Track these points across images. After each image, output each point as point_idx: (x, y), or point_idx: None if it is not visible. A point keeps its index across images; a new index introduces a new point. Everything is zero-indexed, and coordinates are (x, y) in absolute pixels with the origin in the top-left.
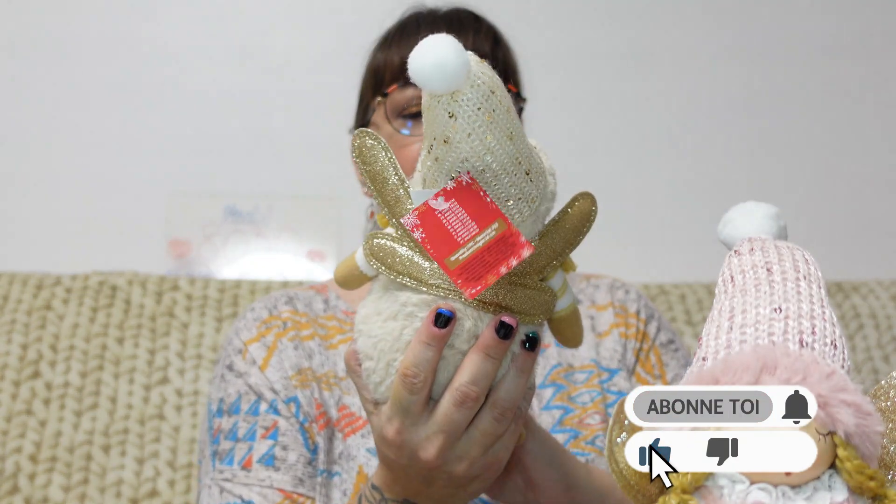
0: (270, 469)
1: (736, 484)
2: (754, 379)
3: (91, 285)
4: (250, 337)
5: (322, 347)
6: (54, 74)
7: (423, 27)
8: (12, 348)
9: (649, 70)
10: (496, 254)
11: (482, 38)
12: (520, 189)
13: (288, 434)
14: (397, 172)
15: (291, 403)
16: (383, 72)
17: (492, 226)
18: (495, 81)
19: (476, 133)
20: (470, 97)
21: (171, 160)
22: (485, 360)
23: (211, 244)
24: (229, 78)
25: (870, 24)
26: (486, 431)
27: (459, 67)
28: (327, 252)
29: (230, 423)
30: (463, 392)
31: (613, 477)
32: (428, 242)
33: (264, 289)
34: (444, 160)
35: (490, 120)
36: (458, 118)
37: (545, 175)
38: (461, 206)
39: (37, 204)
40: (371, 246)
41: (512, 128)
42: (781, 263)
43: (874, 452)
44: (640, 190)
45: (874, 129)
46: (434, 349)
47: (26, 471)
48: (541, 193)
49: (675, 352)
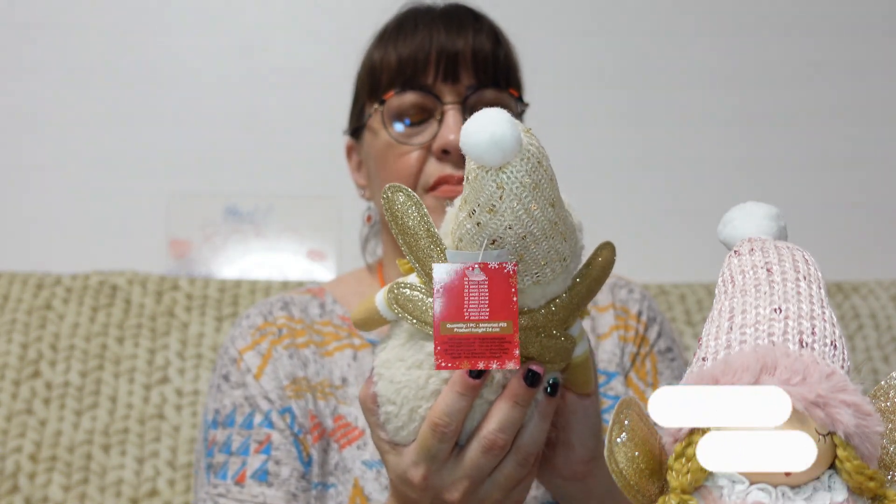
0: (263, 485)
1: (735, 484)
2: (754, 379)
3: (91, 285)
4: (245, 345)
5: (317, 355)
6: (54, 75)
7: (420, 25)
8: (12, 348)
9: (650, 70)
10: (485, 349)
11: (483, 38)
12: (556, 251)
13: (281, 448)
14: (429, 231)
15: (286, 414)
16: (380, 73)
17: (500, 322)
18: (542, 152)
19: (522, 203)
20: (519, 169)
21: (172, 160)
22: (513, 408)
23: (211, 244)
24: (230, 78)
25: (872, 26)
26: (509, 476)
27: (514, 143)
28: (327, 252)
29: (224, 436)
30: (490, 440)
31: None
32: (439, 298)
33: (264, 289)
34: (486, 226)
35: (536, 190)
36: (506, 189)
37: (576, 234)
38: (489, 288)
39: (37, 204)
40: (397, 295)
41: (554, 195)
42: (781, 264)
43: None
44: (640, 190)
45: (874, 130)
46: (467, 399)
47: (26, 470)
48: (572, 252)
49: (672, 361)
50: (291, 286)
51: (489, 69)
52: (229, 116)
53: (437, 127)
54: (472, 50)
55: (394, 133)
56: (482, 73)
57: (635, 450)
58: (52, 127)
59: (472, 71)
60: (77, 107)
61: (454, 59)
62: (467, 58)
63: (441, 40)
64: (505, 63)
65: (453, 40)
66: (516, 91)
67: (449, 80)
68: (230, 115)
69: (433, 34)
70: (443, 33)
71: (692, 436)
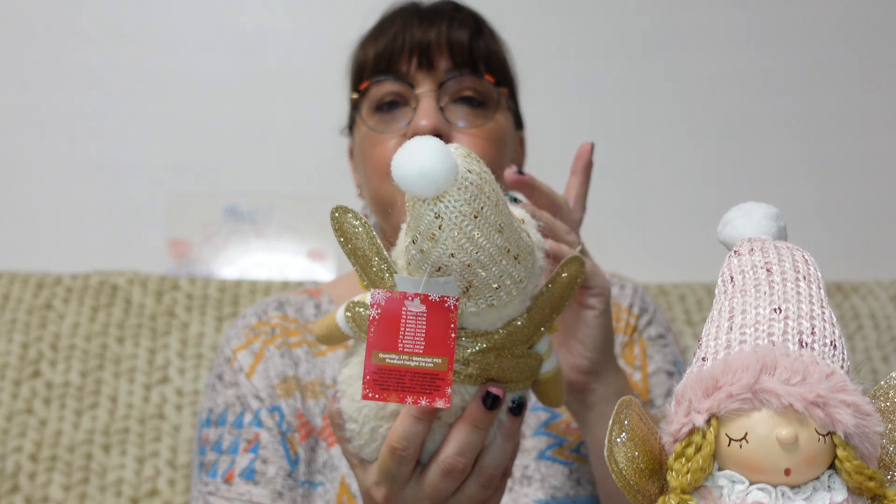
0: (250, 483)
1: (735, 484)
2: (754, 379)
3: (91, 285)
4: (239, 344)
5: (310, 354)
6: (55, 75)
7: (398, 20)
8: (13, 347)
9: (651, 70)
10: (416, 384)
11: (456, 28)
12: (508, 274)
13: (269, 447)
14: (380, 254)
15: (275, 413)
16: (361, 69)
17: (434, 358)
18: (484, 178)
19: (463, 231)
20: (457, 199)
21: (172, 159)
22: (472, 431)
23: (211, 244)
24: (230, 77)
25: (871, 27)
26: (472, 497)
27: (446, 174)
28: (327, 252)
29: (216, 435)
30: (449, 463)
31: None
32: (374, 325)
33: (264, 288)
34: (429, 254)
35: (478, 219)
36: (445, 219)
37: (533, 253)
38: (427, 322)
39: (37, 203)
40: (354, 315)
41: (501, 221)
42: (781, 264)
43: (873, 453)
44: (641, 190)
45: (874, 130)
46: (424, 423)
47: (26, 470)
48: (528, 273)
49: (664, 347)
50: (291, 286)
51: (465, 57)
52: (229, 117)
53: (412, 115)
54: (448, 39)
55: (370, 123)
56: (458, 60)
57: (635, 450)
58: (53, 127)
59: (448, 59)
60: (77, 107)
61: (428, 48)
62: (442, 46)
63: (415, 31)
64: (485, 51)
65: (427, 31)
66: (494, 78)
67: (423, 68)
68: (230, 115)
69: (408, 27)
70: (418, 25)
71: (692, 436)
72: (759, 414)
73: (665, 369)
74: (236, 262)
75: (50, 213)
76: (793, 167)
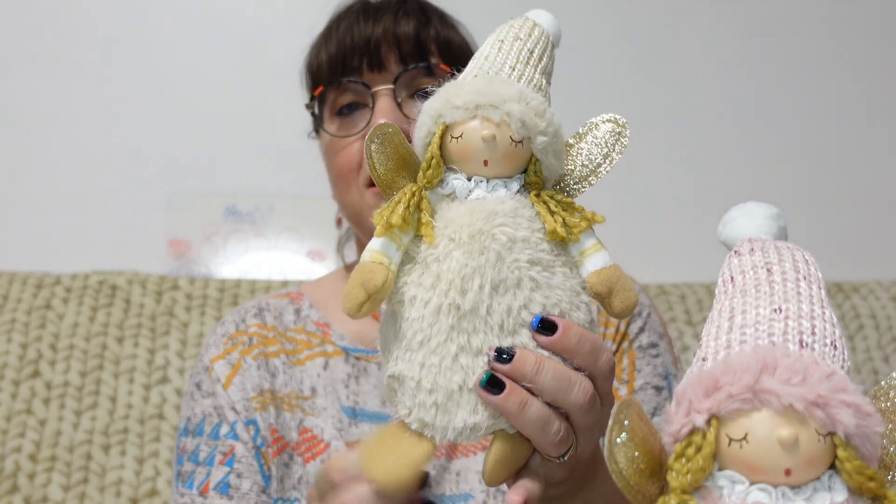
0: (224, 497)
1: (735, 484)
2: (754, 379)
3: (91, 285)
4: (216, 354)
5: (287, 365)
6: (54, 74)
7: (343, 21)
8: (12, 347)
9: (651, 71)
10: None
11: (402, 21)
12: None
13: (244, 461)
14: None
15: (251, 426)
16: (315, 74)
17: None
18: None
19: None
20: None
21: (172, 160)
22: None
23: (211, 244)
24: (229, 78)
25: (871, 27)
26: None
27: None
28: (327, 252)
29: (193, 445)
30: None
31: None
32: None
33: (264, 288)
34: None
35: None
36: None
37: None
38: None
39: (37, 204)
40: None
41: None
42: (781, 264)
43: (874, 453)
44: (641, 190)
45: (874, 130)
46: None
47: (26, 470)
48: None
49: (655, 357)
50: (291, 286)
51: (414, 49)
52: (229, 116)
53: (370, 115)
54: (394, 34)
55: (331, 128)
56: (409, 54)
57: (635, 450)
58: (52, 127)
59: (397, 54)
60: (77, 106)
61: (377, 46)
62: (389, 42)
63: (363, 30)
64: (436, 39)
65: (373, 28)
66: (450, 66)
67: (375, 67)
68: (230, 114)
69: (353, 27)
70: (364, 23)
71: (692, 436)
72: (759, 414)
73: (653, 384)
74: (236, 262)
75: (49, 213)
76: (793, 167)
